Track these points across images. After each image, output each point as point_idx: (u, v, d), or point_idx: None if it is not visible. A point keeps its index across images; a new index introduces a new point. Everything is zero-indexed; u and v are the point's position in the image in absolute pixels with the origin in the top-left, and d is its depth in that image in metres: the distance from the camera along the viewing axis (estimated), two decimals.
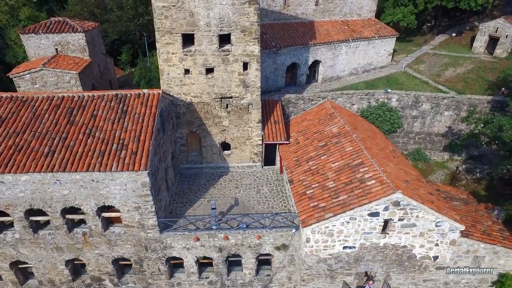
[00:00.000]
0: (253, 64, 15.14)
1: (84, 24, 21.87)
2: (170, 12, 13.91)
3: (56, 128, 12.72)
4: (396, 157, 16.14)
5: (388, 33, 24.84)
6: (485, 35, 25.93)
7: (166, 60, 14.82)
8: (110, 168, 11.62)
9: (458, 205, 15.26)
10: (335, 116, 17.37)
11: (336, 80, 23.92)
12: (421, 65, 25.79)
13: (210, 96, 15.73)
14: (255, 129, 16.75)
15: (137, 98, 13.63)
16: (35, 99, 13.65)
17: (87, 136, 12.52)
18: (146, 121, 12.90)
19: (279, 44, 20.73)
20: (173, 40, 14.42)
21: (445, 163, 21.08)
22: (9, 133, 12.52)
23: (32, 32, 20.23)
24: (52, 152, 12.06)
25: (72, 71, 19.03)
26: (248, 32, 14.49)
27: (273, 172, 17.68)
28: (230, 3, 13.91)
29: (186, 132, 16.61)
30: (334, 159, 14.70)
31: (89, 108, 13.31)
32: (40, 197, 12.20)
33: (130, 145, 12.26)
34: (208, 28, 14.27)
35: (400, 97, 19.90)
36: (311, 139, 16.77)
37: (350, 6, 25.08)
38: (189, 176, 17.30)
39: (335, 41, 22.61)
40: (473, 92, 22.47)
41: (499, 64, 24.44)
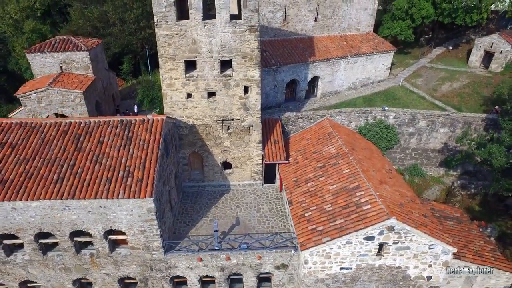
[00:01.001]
0: (253, 88, 15.64)
1: (88, 41, 22.32)
2: (173, 40, 14.40)
3: (64, 154, 13.24)
4: (392, 177, 16.66)
5: (386, 48, 25.30)
6: (481, 50, 26.41)
7: (169, 85, 15.32)
8: (117, 196, 12.15)
9: (452, 224, 15.79)
10: (333, 136, 17.88)
11: (335, 95, 24.42)
12: (418, 79, 26.28)
13: (212, 118, 16.24)
14: (256, 149, 17.26)
15: (142, 124, 14.14)
16: (43, 125, 14.16)
17: (94, 163, 13.04)
18: (150, 148, 13.43)
19: (279, 62, 21.20)
20: (176, 66, 14.91)
21: (441, 178, 21.61)
22: (19, 160, 13.06)
23: (37, 51, 20.70)
24: (61, 179, 12.58)
25: (77, 90, 19.51)
26: (249, 58, 14.98)
27: (273, 190, 18.21)
28: (231, 31, 14.40)
29: (189, 153, 17.13)
30: (332, 181, 15.23)
31: (95, 134, 13.83)
32: (50, 222, 12.74)
33: (136, 172, 12.79)
34: (210, 54, 14.76)
35: (397, 114, 20.42)
36: (309, 159, 17.29)
37: (348, 22, 25.53)
38: (192, 195, 17.83)
39: (334, 58, 23.08)
40: (469, 107, 22.98)
41: (494, 79, 24.94)
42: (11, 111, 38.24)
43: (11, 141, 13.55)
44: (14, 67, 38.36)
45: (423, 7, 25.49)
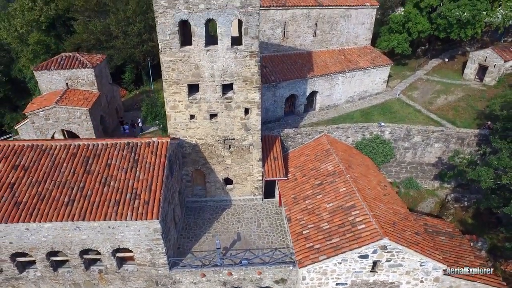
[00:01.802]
0: (254, 110, 16.30)
1: (92, 58, 22.95)
2: (177, 65, 15.04)
3: (74, 177, 13.92)
4: (387, 194, 17.34)
5: (383, 62, 25.92)
6: (475, 63, 27.02)
7: (173, 107, 15.98)
8: (125, 218, 12.85)
9: (444, 240, 16.49)
10: (330, 153, 18.55)
11: (333, 108, 25.07)
12: (414, 91, 26.92)
13: (214, 138, 16.91)
14: (256, 166, 17.94)
15: (147, 147, 14.82)
16: (53, 147, 14.84)
17: (103, 185, 13.72)
18: (156, 170, 14.10)
19: (278, 78, 21.85)
20: (180, 90, 15.57)
21: (435, 191, 22.29)
22: (32, 182, 13.76)
23: (44, 69, 21.37)
24: (72, 201, 13.27)
25: (83, 107, 20.19)
26: (250, 82, 15.63)
27: (273, 205, 18.91)
28: (232, 56, 15.04)
29: (192, 170, 17.81)
30: (329, 199, 15.93)
31: (103, 157, 14.52)
32: (61, 241, 13.45)
33: (142, 194, 13.47)
34: (212, 79, 15.41)
35: (392, 130, 21.07)
36: (308, 176, 17.98)
37: (346, 36, 26.15)
38: (195, 210, 18.52)
39: (332, 73, 23.73)
40: (463, 121, 23.63)
41: (488, 93, 25.59)
42: (15, 120, 39.18)
43: (24, 164, 14.26)
44: (17, 74, 39.01)
45: (419, 21, 26.10)
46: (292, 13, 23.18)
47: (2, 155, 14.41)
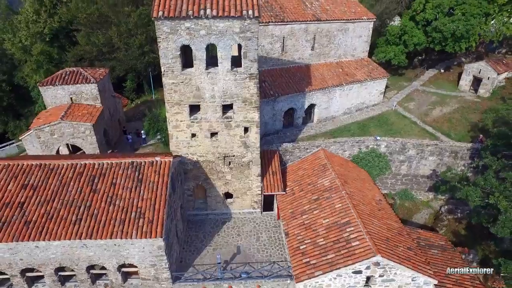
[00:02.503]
0: (253, 128, 16.90)
1: (95, 72, 23.51)
2: (178, 87, 15.64)
3: (81, 196, 14.53)
4: (381, 209, 17.95)
5: (380, 75, 26.49)
6: (470, 75, 27.59)
7: (175, 127, 16.58)
8: (131, 236, 13.48)
9: (436, 253, 17.09)
10: (327, 168, 19.16)
11: (331, 120, 25.64)
12: (410, 103, 27.49)
13: (215, 155, 17.53)
14: (255, 181, 18.55)
15: (151, 166, 15.42)
16: (60, 166, 15.43)
17: (109, 204, 14.33)
18: (159, 189, 14.71)
19: (277, 92, 22.43)
20: (182, 110, 16.17)
21: (430, 202, 22.91)
22: (40, 201, 14.37)
23: (49, 84, 21.95)
24: (79, 220, 13.88)
25: (87, 123, 20.76)
26: (249, 102, 16.23)
27: (271, 218, 19.54)
28: (232, 78, 15.63)
29: (193, 185, 18.43)
30: (325, 215, 16.55)
31: (108, 176, 15.12)
32: (69, 258, 14.09)
33: (147, 213, 14.09)
34: (213, 99, 16.01)
35: (388, 143, 21.68)
36: (305, 191, 18.59)
37: (344, 49, 26.69)
38: (196, 223, 19.15)
39: (329, 86, 24.30)
40: (457, 133, 24.22)
41: (482, 105, 26.19)
42: (18, 128, 39.78)
43: (32, 183, 14.87)
44: (20, 80, 39.56)
45: (415, 34, 26.65)
46: (291, 28, 23.74)
47: (12, 174, 15.04)
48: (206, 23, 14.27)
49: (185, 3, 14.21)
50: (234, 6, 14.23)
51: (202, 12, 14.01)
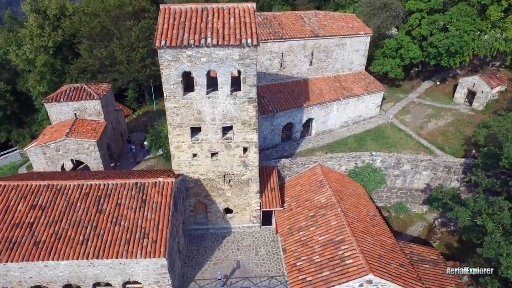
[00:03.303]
0: (252, 149, 17.54)
1: (99, 88, 24.14)
2: (180, 111, 16.27)
3: (87, 216, 15.20)
4: (375, 225, 18.62)
5: (377, 89, 27.05)
6: (464, 88, 28.18)
7: (177, 147, 17.23)
8: (135, 256, 14.17)
9: (427, 268, 17.73)
10: (324, 185, 19.82)
11: (328, 133, 26.24)
12: (406, 115, 28.08)
13: (215, 173, 18.18)
14: (254, 197, 19.21)
15: (154, 187, 16.07)
16: (67, 187, 16.10)
17: (114, 224, 15.00)
18: (162, 210, 15.37)
19: (276, 108, 23.03)
20: (183, 132, 16.81)
21: (424, 215, 23.56)
22: (49, 222, 15.04)
23: (54, 101, 22.62)
24: (86, 240, 14.56)
25: (91, 139, 21.44)
26: (248, 124, 16.86)
27: (270, 232, 20.21)
28: (232, 102, 16.26)
29: (194, 202, 19.10)
30: (320, 232, 17.23)
31: (114, 196, 15.78)
32: (76, 276, 14.79)
33: (150, 233, 14.76)
34: (213, 122, 16.64)
35: (383, 158, 22.30)
36: (302, 207, 19.26)
37: (341, 63, 27.26)
38: (197, 237, 19.82)
39: (327, 101, 24.89)
40: (451, 146, 24.84)
41: (476, 118, 26.78)
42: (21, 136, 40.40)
43: (41, 203, 15.54)
44: (22, 88, 40.16)
45: (411, 49, 27.21)
46: (289, 44, 24.31)
47: (21, 195, 15.72)
48: (206, 51, 14.89)
49: (186, 32, 14.83)
50: (234, 35, 14.85)
51: (203, 41, 14.63)
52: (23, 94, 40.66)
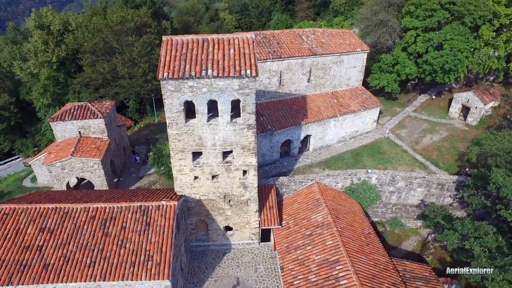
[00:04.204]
0: (251, 171, 18.22)
1: (102, 106, 24.82)
2: (182, 137, 16.95)
3: (94, 239, 15.90)
4: (370, 243, 19.33)
5: (373, 105, 27.70)
6: (459, 103, 28.81)
7: (179, 171, 17.92)
8: (140, 278, 14.86)
9: (420, 285, 18.41)
10: (320, 203, 20.52)
11: (326, 149, 26.91)
12: (402, 130, 28.73)
13: (216, 194, 18.89)
14: (253, 216, 19.92)
15: (157, 210, 16.76)
16: (74, 210, 16.79)
17: (120, 247, 15.70)
18: (166, 233, 16.06)
19: (274, 127, 23.68)
20: (185, 157, 17.50)
21: (418, 229, 24.25)
22: (57, 245, 15.74)
23: (59, 120, 23.34)
24: (93, 263, 15.26)
25: (96, 158, 22.17)
26: (247, 149, 17.54)
27: (268, 249, 20.93)
28: (232, 129, 16.92)
29: (196, 220, 19.81)
30: (317, 251, 17.96)
31: (119, 220, 16.47)
32: None
33: (154, 256, 15.47)
34: (214, 147, 17.31)
35: (379, 176, 22.96)
36: (299, 225, 19.97)
37: (339, 79, 27.89)
38: (198, 254, 20.55)
39: (325, 118, 25.53)
40: (445, 162, 25.51)
41: (469, 133, 27.42)
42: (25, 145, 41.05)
43: (49, 226, 16.24)
44: (25, 96, 40.77)
45: (407, 65, 27.83)
46: (288, 63, 24.93)
47: (30, 218, 16.41)
48: (207, 82, 15.55)
49: (188, 64, 15.48)
50: (234, 66, 15.49)
51: (204, 73, 15.28)
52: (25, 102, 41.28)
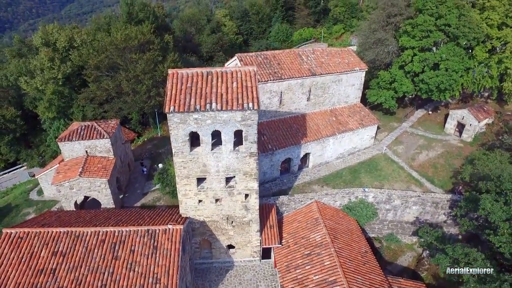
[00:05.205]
0: (252, 195, 19.06)
1: (108, 126, 25.58)
2: (187, 164, 17.78)
3: (104, 263, 16.74)
4: (366, 262, 20.19)
5: (371, 122, 28.49)
6: (454, 120, 29.62)
7: (185, 195, 18.77)
8: None
9: None
10: (319, 223, 21.39)
11: (325, 165, 27.73)
12: (399, 146, 29.55)
13: (219, 216, 19.75)
14: (255, 235, 20.79)
15: (164, 234, 17.60)
16: (85, 233, 17.62)
17: (129, 270, 16.54)
18: (172, 256, 16.91)
19: (275, 146, 24.50)
20: (190, 182, 18.34)
21: (414, 245, 25.14)
22: (70, 268, 16.57)
23: (67, 140, 24.10)
24: (104, 285, 16.07)
25: (103, 178, 22.95)
26: (249, 175, 18.37)
27: (269, 266, 21.83)
28: (234, 156, 17.74)
29: (200, 240, 20.68)
30: (315, 271, 18.83)
31: (128, 243, 17.31)
32: None
33: (162, 279, 16.30)
34: (217, 173, 18.14)
35: (375, 194, 23.83)
36: (299, 245, 20.85)
37: (338, 97, 28.67)
38: (202, 271, 21.44)
39: (323, 137, 26.32)
40: (440, 179, 26.35)
41: (464, 150, 28.27)
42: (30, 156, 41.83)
43: (62, 250, 17.08)
44: (29, 105, 41.53)
45: (404, 83, 28.61)
46: (288, 84, 25.71)
47: (43, 242, 17.25)
48: (211, 114, 16.35)
49: (193, 98, 16.28)
50: (236, 100, 16.29)
51: (208, 106, 16.09)
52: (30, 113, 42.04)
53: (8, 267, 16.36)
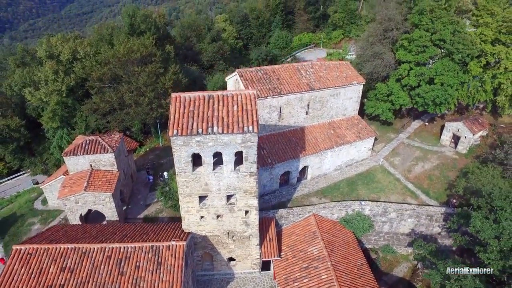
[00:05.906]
0: (252, 211, 19.76)
1: (112, 140, 26.25)
2: (190, 183, 18.47)
3: (111, 279, 17.45)
4: (362, 275, 20.93)
5: (368, 135, 29.14)
6: (450, 132, 30.29)
7: (187, 212, 19.48)
8: None
9: None
10: (316, 236, 22.12)
11: (323, 177, 28.42)
12: (396, 157, 30.24)
13: (220, 231, 20.46)
14: (255, 249, 21.51)
15: (168, 250, 18.32)
16: (92, 250, 18.33)
17: (134, 286, 17.24)
18: (176, 272, 17.62)
19: (274, 160, 25.18)
20: (192, 200, 19.03)
21: (409, 256, 25.88)
22: (77, 284, 17.29)
23: (72, 154, 24.77)
24: None
25: (107, 192, 23.65)
26: (249, 192, 19.06)
27: (268, 278, 22.56)
28: (235, 176, 18.42)
29: (202, 253, 21.40)
30: (313, 284, 19.56)
31: (133, 259, 18.02)
32: None
33: None
34: (219, 192, 18.83)
35: (372, 207, 24.53)
36: (297, 258, 21.59)
37: (336, 110, 29.32)
38: (204, 283, 22.19)
39: (322, 150, 26.98)
40: (435, 191, 27.06)
41: (459, 162, 28.97)
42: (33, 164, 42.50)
43: (69, 266, 17.79)
44: (32, 112, 42.15)
45: (400, 96, 29.25)
46: (287, 98, 26.35)
47: (52, 258, 17.97)
48: (213, 137, 17.00)
49: (195, 121, 16.93)
50: (237, 123, 16.94)
51: (210, 130, 16.74)
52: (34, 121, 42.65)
53: (19, 283, 17.11)
